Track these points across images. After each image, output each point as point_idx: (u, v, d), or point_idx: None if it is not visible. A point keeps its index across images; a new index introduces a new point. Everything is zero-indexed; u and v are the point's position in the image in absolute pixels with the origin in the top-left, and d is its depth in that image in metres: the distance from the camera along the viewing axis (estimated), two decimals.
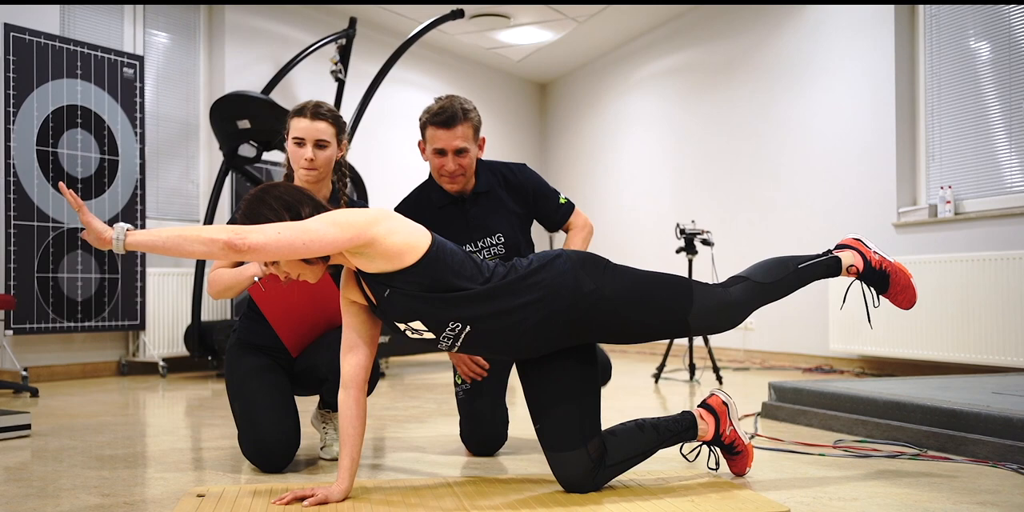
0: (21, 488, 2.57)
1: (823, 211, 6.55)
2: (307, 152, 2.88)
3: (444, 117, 2.96)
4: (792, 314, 6.78)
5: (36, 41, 5.62)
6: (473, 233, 3.09)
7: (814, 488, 2.51)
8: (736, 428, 2.61)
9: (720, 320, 2.42)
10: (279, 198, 2.28)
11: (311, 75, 7.43)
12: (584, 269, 2.37)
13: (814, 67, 6.71)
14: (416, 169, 8.85)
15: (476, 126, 3.03)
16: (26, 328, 5.52)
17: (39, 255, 5.60)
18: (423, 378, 6.06)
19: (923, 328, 5.41)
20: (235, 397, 2.93)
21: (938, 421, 3.09)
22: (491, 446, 3.13)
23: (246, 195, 2.34)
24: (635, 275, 2.41)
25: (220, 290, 2.87)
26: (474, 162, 3.06)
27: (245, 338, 3.03)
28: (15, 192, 5.48)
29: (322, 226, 2.15)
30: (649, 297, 2.37)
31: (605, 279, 2.37)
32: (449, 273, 2.28)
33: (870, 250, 2.58)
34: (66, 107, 5.79)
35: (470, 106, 3.03)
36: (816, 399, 3.67)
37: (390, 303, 2.28)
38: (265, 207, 2.26)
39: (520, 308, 2.30)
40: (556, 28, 8.44)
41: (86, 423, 3.94)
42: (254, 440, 2.80)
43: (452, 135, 2.97)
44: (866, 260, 2.55)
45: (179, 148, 6.95)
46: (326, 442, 3.08)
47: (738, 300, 2.43)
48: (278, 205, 2.26)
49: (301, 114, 2.90)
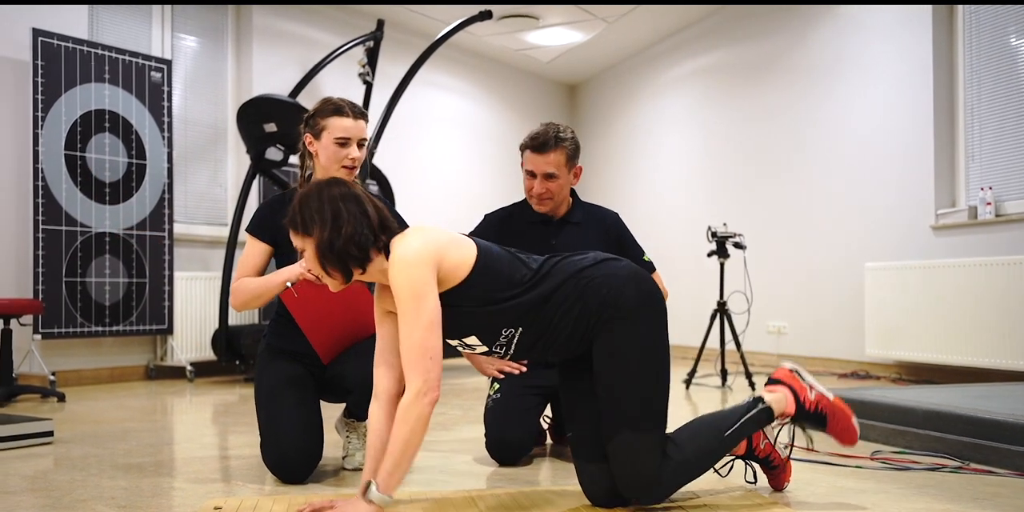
0: (38, 498, 2.53)
1: (859, 213, 6.42)
2: (353, 151, 2.85)
3: (538, 142, 3.12)
4: (827, 318, 6.66)
5: (64, 45, 5.62)
6: (552, 251, 3.06)
7: (851, 503, 2.42)
8: (772, 442, 2.50)
9: (640, 484, 2.25)
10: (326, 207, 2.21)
11: (339, 78, 7.40)
12: (638, 287, 2.29)
13: (849, 67, 6.59)
14: (444, 171, 8.82)
15: (570, 154, 3.14)
16: (54, 332, 5.52)
17: (67, 259, 5.59)
18: (451, 384, 6.00)
19: (963, 333, 5.27)
20: (262, 407, 2.89)
21: (981, 432, 2.98)
22: (513, 455, 3.07)
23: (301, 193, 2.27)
24: (658, 361, 2.28)
25: (247, 300, 2.83)
26: (564, 188, 3.18)
27: (275, 344, 2.99)
28: (43, 197, 5.48)
29: (425, 312, 2.12)
30: (645, 375, 2.25)
31: (642, 317, 2.27)
32: (501, 280, 2.25)
33: (805, 387, 2.38)
34: (94, 111, 5.78)
35: (567, 135, 3.15)
36: (853, 408, 3.54)
37: (443, 321, 2.20)
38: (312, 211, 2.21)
39: (563, 301, 2.25)
40: (586, 29, 8.35)
41: (110, 429, 3.91)
42: (276, 452, 2.76)
43: (544, 160, 3.12)
44: (799, 402, 2.36)
45: (207, 152, 6.94)
46: (349, 451, 3.03)
47: (663, 481, 2.25)
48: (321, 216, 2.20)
49: (341, 113, 2.84)
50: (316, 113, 2.87)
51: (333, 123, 2.82)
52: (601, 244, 3.13)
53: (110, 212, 5.84)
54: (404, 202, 7.54)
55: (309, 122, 2.88)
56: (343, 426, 3.09)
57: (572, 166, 3.17)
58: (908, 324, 5.64)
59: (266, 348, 3.01)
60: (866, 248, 6.29)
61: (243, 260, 2.92)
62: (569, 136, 3.16)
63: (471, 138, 9.28)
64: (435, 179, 8.71)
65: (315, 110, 2.89)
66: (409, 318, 2.12)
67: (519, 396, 3.13)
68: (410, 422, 2.09)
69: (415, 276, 2.13)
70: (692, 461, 2.27)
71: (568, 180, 3.18)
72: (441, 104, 8.97)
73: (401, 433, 2.09)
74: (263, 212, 2.95)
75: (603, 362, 2.28)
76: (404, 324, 2.13)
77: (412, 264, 2.14)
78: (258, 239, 2.92)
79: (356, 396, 2.88)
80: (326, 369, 2.95)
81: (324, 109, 2.86)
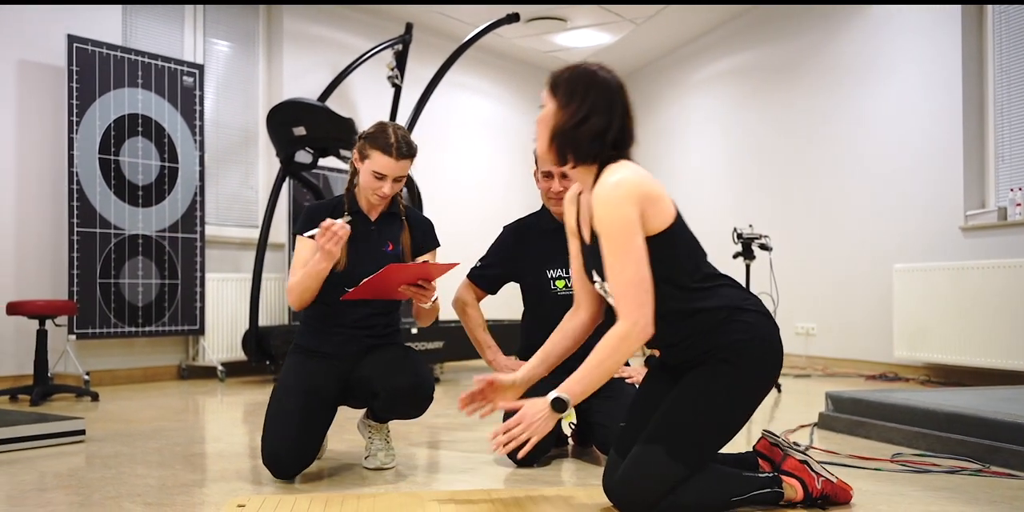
0: (67, 495, 2.60)
1: (887, 215, 6.39)
2: (386, 187, 2.92)
3: None
4: (856, 319, 6.63)
5: (98, 51, 5.73)
6: (567, 259, 3.08)
7: (864, 505, 2.43)
8: (828, 478, 2.40)
9: (636, 498, 2.21)
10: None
11: (368, 81, 7.47)
12: (770, 350, 2.31)
13: (878, 68, 6.55)
14: (472, 174, 8.85)
15: None
16: (89, 333, 5.62)
17: (101, 261, 5.70)
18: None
19: (992, 335, 5.23)
20: (272, 403, 2.94)
21: (1002, 435, 2.97)
22: (530, 457, 3.07)
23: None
24: (735, 416, 2.30)
25: (299, 293, 2.88)
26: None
27: (304, 344, 3.05)
28: (78, 200, 5.59)
29: (635, 248, 2.18)
30: (713, 421, 2.25)
31: (750, 376, 2.27)
32: (681, 259, 2.29)
33: (813, 477, 2.36)
34: (127, 116, 5.88)
35: None
36: (874, 410, 3.56)
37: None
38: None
39: (706, 321, 2.27)
40: (613, 30, 8.37)
41: (141, 428, 3.99)
42: (268, 447, 2.82)
43: None
44: (807, 493, 2.35)
45: (238, 155, 7.03)
46: (371, 451, 3.07)
47: (656, 507, 2.20)
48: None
49: (388, 153, 2.86)
50: (368, 139, 2.91)
51: (377, 158, 2.87)
52: None
53: (143, 214, 5.94)
54: (432, 204, 7.58)
55: (361, 143, 2.93)
56: (365, 427, 3.13)
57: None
58: (937, 326, 5.60)
59: (295, 348, 3.07)
60: (895, 249, 6.25)
61: (295, 260, 2.96)
62: None
63: (499, 140, 9.31)
64: (463, 181, 8.75)
65: (370, 135, 2.92)
66: (620, 253, 2.15)
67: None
68: (618, 351, 2.17)
69: (625, 213, 2.16)
70: (691, 506, 2.23)
71: None
72: (469, 106, 9.02)
73: (603, 353, 2.17)
74: (312, 214, 2.99)
75: (689, 388, 2.27)
76: (614, 259, 2.16)
77: (623, 200, 2.16)
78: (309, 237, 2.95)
79: (381, 400, 2.91)
80: (352, 372, 2.99)
81: (376, 140, 2.89)
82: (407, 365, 2.94)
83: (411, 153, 2.92)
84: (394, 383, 2.87)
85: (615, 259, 2.16)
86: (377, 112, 7.48)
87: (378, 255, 2.99)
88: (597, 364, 2.19)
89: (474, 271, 3.40)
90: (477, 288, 3.40)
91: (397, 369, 2.92)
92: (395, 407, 2.93)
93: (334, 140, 6.08)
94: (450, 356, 6.34)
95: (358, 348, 3.01)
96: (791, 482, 2.35)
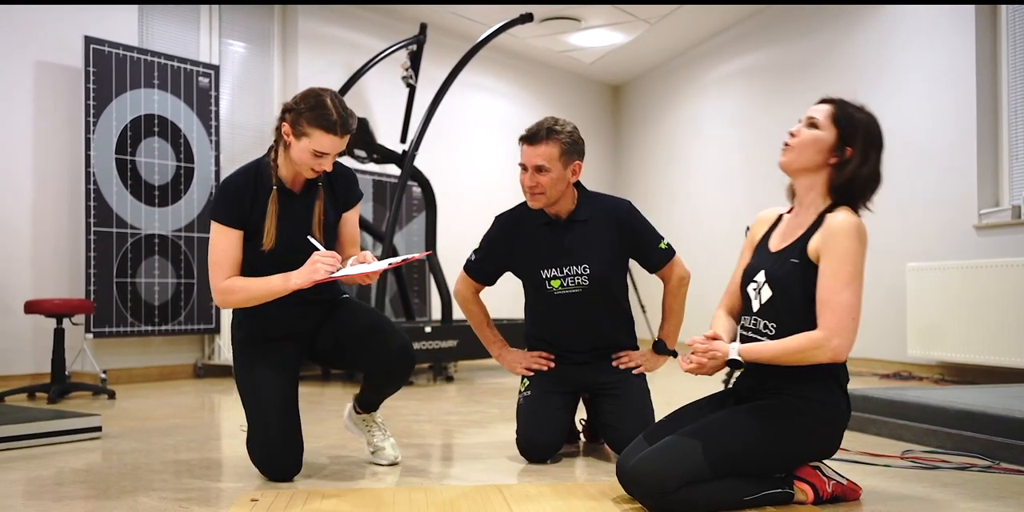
0: (83, 490, 2.63)
1: (901, 213, 6.37)
2: (326, 163, 2.73)
3: (529, 134, 3.05)
4: (869, 318, 6.58)
5: (115, 52, 5.78)
6: (560, 258, 3.12)
7: (873, 501, 2.43)
8: (838, 480, 2.43)
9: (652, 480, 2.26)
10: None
11: (382, 81, 7.50)
12: (835, 422, 2.39)
13: (892, 67, 6.54)
14: (486, 173, 8.87)
15: (564, 148, 3.02)
16: (105, 332, 5.68)
17: (118, 261, 5.75)
18: (491, 383, 6.07)
19: (1006, 334, 5.21)
20: (247, 408, 2.85)
21: (1012, 432, 2.97)
22: (542, 454, 3.10)
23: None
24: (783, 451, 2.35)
25: (243, 300, 2.75)
26: (557, 184, 3.04)
27: (249, 332, 2.90)
28: (95, 200, 5.64)
29: (860, 280, 2.40)
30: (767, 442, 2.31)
31: (811, 421, 2.34)
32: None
33: (824, 481, 2.39)
34: (143, 116, 5.94)
35: (564, 128, 3.04)
36: (885, 408, 3.56)
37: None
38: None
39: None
40: (627, 30, 8.38)
41: (157, 426, 4.03)
42: (266, 460, 2.78)
43: (533, 152, 3.02)
44: (818, 496, 2.37)
45: (254, 155, 6.97)
46: (376, 446, 3.03)
47: (671, 495, 2.23)
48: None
49: (332, 130, 2.66)
50: (304, 116, 2.67)
51: (318, 137, 2.66)
52: (611, 242, 3.11)
53: (159, 214, 5.99)
54: (446, 204, 7.61)
55: (295, 117, 2.69)
56: (358, 423, 3.09)
57: (568, 161, 3.03)
58: (950, 324, 5.59)
59: (242, 338, 2.91)
60: (908, 248, 6.24)
61: (219, 255, 2.75)
62: (567, 130, 3.04)
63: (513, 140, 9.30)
64: (477, 181, 8.77)
65: (307, 109, 2.68)
66: (846, 278, 2.29)
67: (549, 395, 3.15)
68: (802, 351, 2.26)
69: (862, 250, 2.33)
70: (701, 502, 2.25)
71: (562, 175, 3.03)
72: (484, 106, 9.04)
73: (791, 347, 2.27)
74: (228, 196, 2.77)
75: (754, 409, 2.35)
76: (837, 281, 2.28)
77: (863, 240, 2.34)
78: (229, 226, 2.76)
79: (375, 378, 2.91)
80: (314, 343, 2.91)
81: (316, 118, 2.66)
82: (380, 331, 2.83)
83: (353, 125, 2.74)
84: (379, 356, 2.80)
85: (843, 282, 2.29)
86: (391, 112, 7.52)
87: (307, 229, 2.81)
88: (781, 352, 2.29)
89: (469, 264, 3.31)
90: (474, 281, 3.32)
91: (372, 339, 2.82)
92: (388, 378, 2.89)
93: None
94: (464, 355, 6.35)
95: (309, 323, 2.91)
96: (802, 486, 2.37)
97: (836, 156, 2.44)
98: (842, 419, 2.39)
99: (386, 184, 7.64)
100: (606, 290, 3.14)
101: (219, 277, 2.75)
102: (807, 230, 2.41)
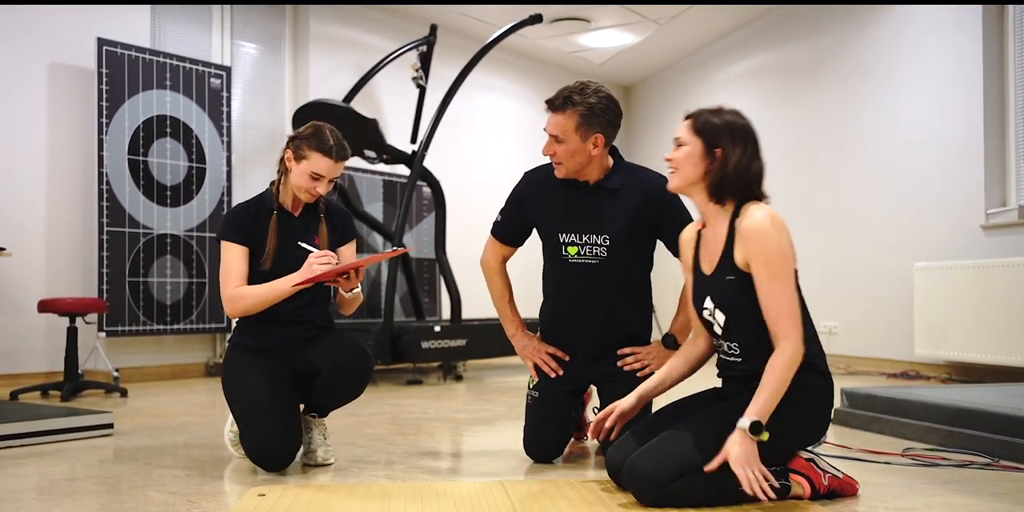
0: (94, 485, 2.68)
1: (908, 213, 6.38)
2: (321, 187, 2.97)
3: (550, 99, 2.97)
4: (877, 318, 6.63)
5: (128, 54, 5.84)
6: (581, 223, 2.99)
7: (871, 497, 2.46)
8: (834, 474, 2.47)
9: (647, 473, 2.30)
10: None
11: (393, 82, 7.55)
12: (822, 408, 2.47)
13: (899, 67, 6.55)
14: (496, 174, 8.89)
15: (582, 120, 2.87)
16: (118, 330, 5.74)
17: (130, 260, 5.81)
18: (500, 381, 6.10)
19: (1013, 333, 5.22)
20: (237, 401, 2.95)
21: (1012, 430, 2.99)
22: (547, 453, 3.09)
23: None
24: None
25: (249, 306, 2.94)
26: (576, 156, 2.91)
27: (244, 342, 3.06)
28: (108, 200, 5.70)
29: (792, 276, 2.41)
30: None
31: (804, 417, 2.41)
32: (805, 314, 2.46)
33: (821, 475, 2.43)
34: (156, 117, 6.00)
35: (585, 97, 2.89)
36: (888, 406, 3.58)
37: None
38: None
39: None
40: (637, 31, 8.40)
41: (169, 423, 4.07)
42: (254, 444, 2.84)
43: (552, 120, 2.94)
44: (815, 489, 2.40)
45: (265, 155, 7.13)
46: (311, 448, 3.05)
47: (665, 487, 2.28)
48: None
49: (328, 154, 2.93)
50: (305, 141, 2.95)
51: (316, 159, 2.92)
52: (638, 216, 2.96)
53: (171, 214, 6.05)
54: (455, 205, 7.65)
55: (297, 144, 2.96)
56: (303, 424, 3.11)
57: (587, 133, 2.89)
58: (958, 324, 5.60)
59: (235, 347, 3.09)
60: (916, 248, 6.25)
61: (228, 268, 3.00)
62: (588, 100, 2.88)
63: (524, 141, 9.35)
64: (487, 181, 8.78)
65: (306, 136, 2.96)
66: (780, 278, 2.32)
67: (556, 397, 3.10)
68: (788, 373, 2.28)
69: (784, 244, 2.34)
70: (700, 493, 2.29)
71: (579, 147, 2.90)
72: (494, 107, 9.07)
73: (777, 382, 2.27)
74: (233, 218, 3.04)
75: (740, 404, 2.36)
76: (774, 285, 2.32)
77: (781, 231, 2.35)
78: (235, 243, 3.00)
79: (324, 376, 2.95)
80: (296, 359, 3.02)
81: (313, 142, 2.93)
82: (346, 343, 2.99)
83: (347, 155, 3.00)
84: (336, 358, 2.94)
85: (775, 285, 2.32)
86: (402, 112, 7.56)
87: (302, 250, 2.99)
88: (778, 390, 2.29)
89: (495, 227, 3.21)
90: (501, 244, 3.20)
91: (338, 347, 2.98)
92: (336, 382, 2.97)
93: (359, 140, 6.16)
94: (473, 354, 6.40)
95: (299, 340, 3.04)
96: (798, 480, 2.41)
97: (708, 162, 2.46)
98: (826, 401, 2.45)
99: (396, 184, 7.68)
100: (624, 267, 2.99)
101: (228, 286, 2.98)
102: (725, 243, 2.44)
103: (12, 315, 5.49)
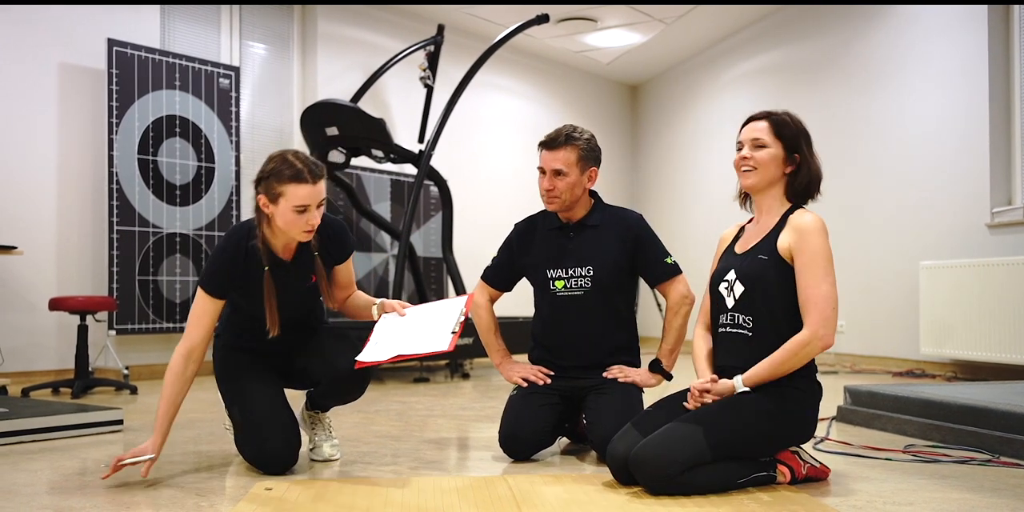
0: (105, 480, 2.71)
1: (914, 212, 6.40)
2: (314, 217, 2.69)
3: (549, 139, 3.19)
4: (882, 317, 6.65)
5: (137, 54, 5.89)
6: (566, 259, 3.21)
7: (870, 492, 2.49)
8: (813, 464, 2.64)
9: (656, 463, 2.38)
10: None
11: (400, 82, 7.58)
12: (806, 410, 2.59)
13: (905, 66, 6.56)
14: (503, 174, 8.94)
15: (582, 154, 3.16)
16: (128, 328, 5.79)
17: (140, 259, 5.86)
18: (498, 381, 6.11)
19: (1018, 332, 5.23)
20: (234, 399, 2.95)
21: (1013, 426, 3.01)
22: (523, 450, 3.08)
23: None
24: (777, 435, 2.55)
25: (163, 388, 2.84)
26: (574, 188, 3.16)
27: (232, 343, 3.05)
28: (118, 199, 5.75)
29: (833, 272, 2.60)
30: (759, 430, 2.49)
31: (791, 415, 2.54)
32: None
33: (802, 465, 2.60)
34: (165, 117, 6.05)
35: (581, 135, 3.18)
36: (890, 403, 3.61)
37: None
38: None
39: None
40: (644, 30, 8.43)
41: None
42: (259, 449, 2.83)
43: (552, 156, 3.16)
44: (794, 476, 2.57)
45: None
46: (316, 443, 3.09)
47: (672, 478, 2.37)
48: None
49: (300, 180, 2.63)
50: (271, 176, 2.65)
51: (291, 191, 2.62)
52: (618, 248, 3.18)
53: (180, 213, 6.10)
54: (463, 204, 7.68)
55: (265, 185, 2.68)
56: (307, 420, 3.16)
57: (585, 167, 3.16)
58: (963, 322, 5.61)
59: (223, 345, 3.05)
60: (921, 246, 6.27)
61: (193, 319, 2.79)
62: (584, 137, 3.18)
63: (531, 140, 9.31)
64: (494, 181, 8.82)
65: (270, 172, 2.67)
66: (822, 272, 2.51)
67: (535, 394, 3.16)
68: (796, 355, 2.47)
69: (828, 245, 2.56)
70: (699, 485, 2.41)
71: (578, 180, 3.15)
72: (501, 106, 9.10)
73: (784, 356, 2.47)
74: (218, 270, 2.81)
75: (742, 399, 2.51)
76: (815, 276, 2.50)
77: (827, 232, 2.58)
78: (211, 296, 2.79)
79: (323, 386, 2.97)
80: (292, 363, 3.02)
81: (281, 173, 2.63)
82: (345, 349, 2.89)
83: (323, 172, 2.69)
84: (335, 366, 2.88)
85: (818, 276, 2.51)
86: (409, 112, 7.60)
87: (302, 291, 2.92)
88: (778, 364, 2.49)
89: (486, 271, 3.43)
90: (490, 288, 3.41)
91: (336, 353, 2.91)
92: (336, 390, 2.97)
93: (366, 140, 6.21)
94: (480, 352, 6.41)
95: (288, 344, 3.01)
96: (782, 469, 2.56)
97: (791, 165, 2.65)
98: (816, 401, 2.60)
99: (403, 184, 7.72)
100: (608, 297, 3.18)
101: (185, 341, 2.78)
102: (772, 230, 2.61)
103: (23, 313, 5.55)
